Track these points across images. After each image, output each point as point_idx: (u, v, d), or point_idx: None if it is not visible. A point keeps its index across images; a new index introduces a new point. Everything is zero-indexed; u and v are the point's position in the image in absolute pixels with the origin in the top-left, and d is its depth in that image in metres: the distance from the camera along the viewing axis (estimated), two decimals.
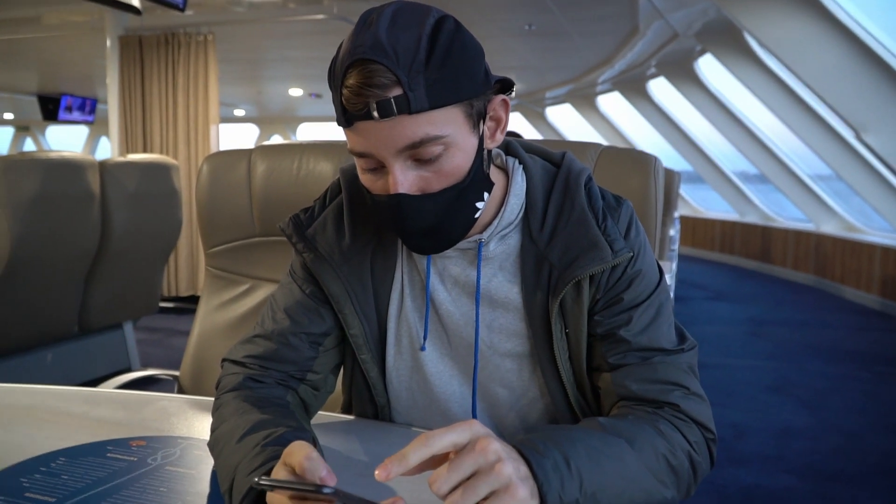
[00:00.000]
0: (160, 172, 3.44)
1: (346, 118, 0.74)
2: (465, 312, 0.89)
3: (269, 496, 0.65)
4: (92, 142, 15.43)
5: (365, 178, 0.80)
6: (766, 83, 6.81)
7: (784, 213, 8.92)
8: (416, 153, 0.75)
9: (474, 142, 0.79)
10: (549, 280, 0.85)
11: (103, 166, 3.11)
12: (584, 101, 11.19)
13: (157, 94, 5.49)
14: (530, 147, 0.95)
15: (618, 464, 0.71)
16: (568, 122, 12.28)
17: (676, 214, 6.65)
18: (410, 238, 0.81)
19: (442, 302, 0.90)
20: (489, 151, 0.84)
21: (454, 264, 0.90)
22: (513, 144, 0.93)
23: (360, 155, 0.77)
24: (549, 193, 0.88)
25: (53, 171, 2.82)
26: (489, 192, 0.84)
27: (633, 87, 9.74)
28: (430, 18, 0.74)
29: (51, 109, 11.52)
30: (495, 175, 0.88)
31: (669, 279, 2.94)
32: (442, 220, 0.80)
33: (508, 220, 0.88)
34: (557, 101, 11.58)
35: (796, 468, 2.84)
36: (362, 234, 0.90)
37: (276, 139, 15.36)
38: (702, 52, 7.66)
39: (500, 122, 0.84)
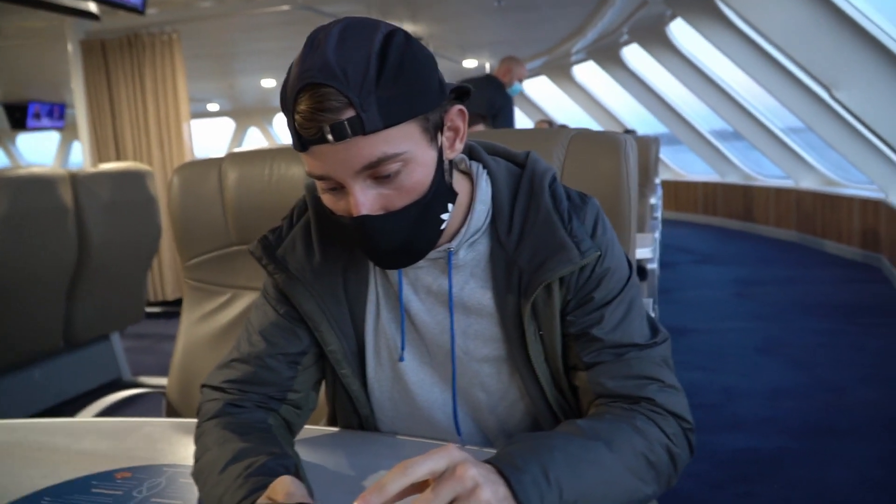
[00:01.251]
0: (134, 180, 3.40)
1: (301, 143, 0.73)
2: (440, 321, 0.89)
3: None
4: (65, 147, 15.22)
5: (327, 199, 0.79)
6: (737, 44, 6.82)
7: (763, 170, 8.98)
8: (375, 172, 0.74)
9: (433, 155, 0.78)
10: (519, 284, 0.85)
11: (75, 178, 3.07)
12: (560, 71, 11.17)
13: (126, 98, 5.42)
14: (494, 149, 0.94)
15: (597, 469, 0.72)
16: (545, 95, 12.25)
17: (657, 180, 6.68)
18: (378, 256, 0.81)
19: (417, 312, 0.90)
20: (450, 162, 0.83)
21: (426, 274, 0.90)
22: (476, 148, 0.92)
23: (319, 178, 0.76)
24: (515, 197, 0.88)
25: (24, 188, 2.78)
26: (453, 203, 0.83)
27: (608, 56, 9.74)
28: (378, 35, 0.73)
29: (18, 118, 11.34)
30: (460, 181, 0.88)
31: (653, 250, 2.94)
32: (408, 237, 0.79)
33: (476, 226, 0.87)
34: (533, 73, 11.53)
35: (789, 428, 2.88)
36: (332, 250, 0.90)
37: (253, 131, 15.23)
38: (672, 17, 7.66)
39: (458, 132, 0.83)
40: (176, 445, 1.00)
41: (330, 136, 0.71)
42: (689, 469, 0.87)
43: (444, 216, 0.82)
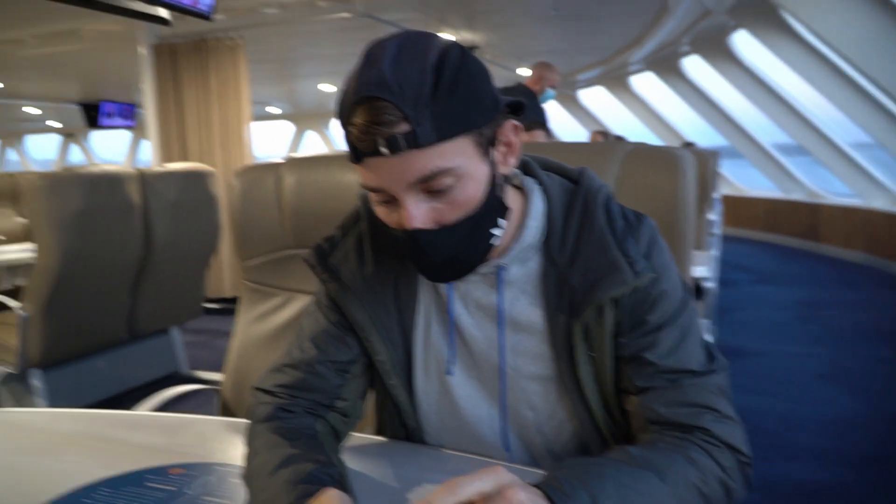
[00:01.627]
0: (198, 180, 3.51)
1: (356, 155, 0.75)
2: (488, 336, 0.89)
3: None
4: (135, 146, 15.79)
5: (380, 211, 0.81)
6: (803, 55, 6.63)
7: (830, 188, 8.67)
8: (428, 186, 0.75)
9: (486, 169, 0.78)
10: (570, 303, 0.84)
11: (144, 177, 3.18)
12: (617, 82, 11.03)
13: (192, 99, 5.60)
14: (548, 164, 0.94)
15: (647, 500, 0.70)
16: (601, 105, 12.09)
17: (717, 195, 6.53)
18: (429, 269, 0.82)
19: (466, 326, 0.90)
20: (503, 177, 0.83)
21: (476, 288, 0.90)
22: (530, 163, 0.92)
23: (373, 190, 0.78)
24: (569, 214, 0.87)
25: (96, 186, 2.90)
26: (505, 219, 0.83)
27: (667, 66, 9.57)
28: (433, 49, 0.74)
29: (93, 116, 11.86)
30: (513, 196, 0.88)
31: (711, 268, 2.87)
32: (459, 251, 0.79)
33: (528, 242, 0.87)
34: (589, 83, 11.43)
35: (851, 460, 2.75)
36: (384, 260, 0.91)
37: (311, 134, 15.50)
38: (735, 28, 7.48)
39: (511, 147, 0.83)
40: (227, 444, 1.03)
41: (384, 150, 0.72)
42: (743, 500, 0.85)
43: (496, 231, 0.82)
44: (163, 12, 3.99)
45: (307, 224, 1.42)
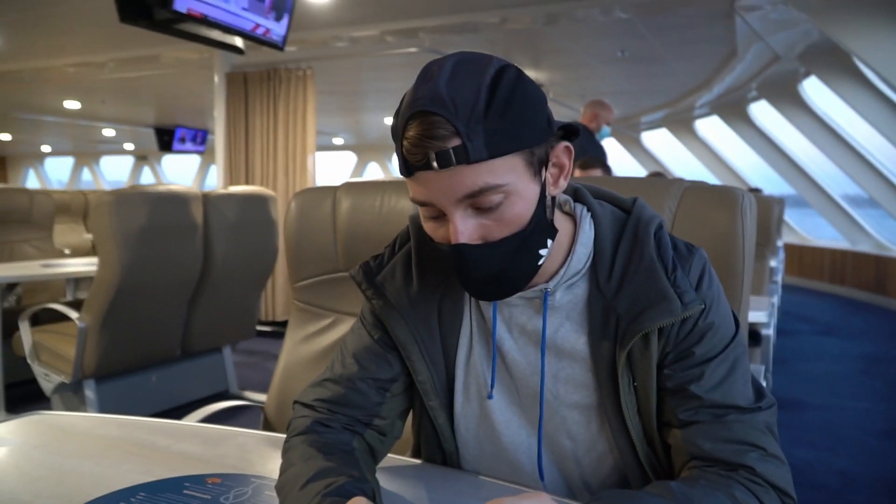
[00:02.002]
0: (258, 203, 3.60)
1: (407, 168, 0.76)
2: (531, 361, 0.88)
3: None
4: (203, 170, 16.36)
5: (428, 226, 0.81)
6: (875, 105, 6.45)
7: None
8: (476, 202, 0.75)
9: (536, 189, 0.78)
10: (616, 331, 0.82)
11: (206, 198, 3.28)
12: (682, 125, 10.91)
13: (260, 127, 5.78)
14: (600, 193, 0.93)
15: None
16: (664, 148, 11.98)
17: (780, 243, 6.34)
18: (473, 286, 0.81)
19: (509, 350, 0.89)
20: (553, 198, 0.83)
21: (521, 313, 0.89)
22: (581, 191, 0.92)
23: (422, 204, 0.78)
24: (618, 242, 0.86)
25: (161, 204, 3.00)
26: (553, 240, 0.82)
27: (734, 111, 9.43)
28: (490, 69, 0.75)
29: (166, 140, 12.38)
30: (563, 222, 0.87)
31: (768, 314, 2.78)
32: (504, 269, 0.79)
33: (575, 269, 0.86)
34: (653, 125, 11.34)
35: None
36: (430, 281, 0.91)
37: (373, 166, 15.78)
38: (806, 74, 7.35)
39: (563, 169, 0.83)
40: (266, 458, 1.03)
41: (435, 164, 0.72)
42: None
43: (543, 252, 0.81)
44: (238, 41, 4.16)
45: (359, 248, 1.43)
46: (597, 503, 0.68)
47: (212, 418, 1.59)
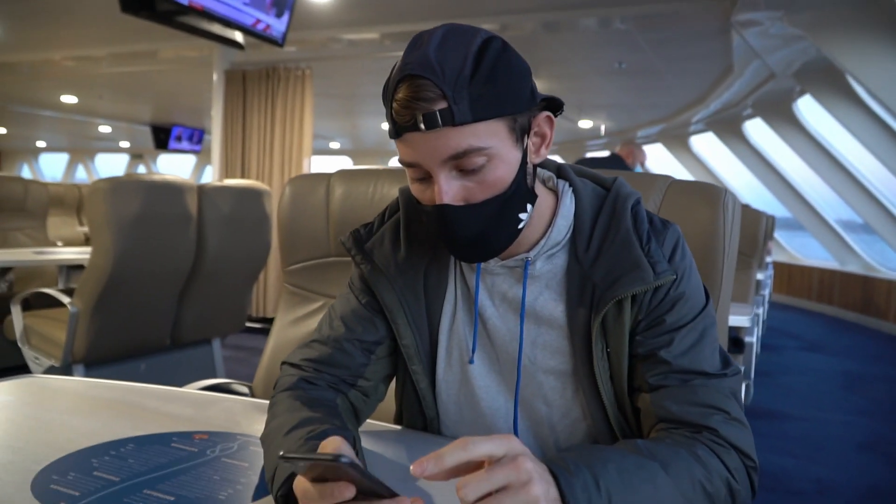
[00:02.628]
0: (253, 197, 3.62)
1: (395, 129, 0.80)
2: (511, 328, 0.92)
3: (296, 481, 0.68)
4: (198, 170, 16.34)
5: (414, 188, 0.85)
6: (869, 127, 6.52)
7: (888, 262, 8.42)
8: (460, 163, 0.79)
9: (517, 155, 0.82)
10: (591, 298, 0.86)
11: (201, 189, 3.30)
12: (677, 140, 11.00)
13: (257, 125, 5.81)
14: (583, 172, 0.97)
15: (650, 487, 0.71)
16: (658, 162, 12.03)
17: (769, 259, 6.39)
18: (455, 246, 0.85)
19: (490, 317, 0.93)
20: (534, 166, 0.87)
21: (502, 281, 0.93)
22: (564, 168, 0.96)
23: (409, 165, 0.82)
24: (597, 216, 0.90)
25: (156, 193, 3.02)
26: (532, 205, 0.86)
27: (729, 128, 9.52)
28: (477, 39, 0.79)
29: (162, 139, 12.32)
30: (545, 197, 0.91)
31: (751, 320, 2.81)
32: (485, 230, 0.83)
33: (556, 240, 0.90)
34: (649, 140, 11.43)
35: None
36: (417, 249, 0.95)
37: None
38: (801, 93, 7.43)
39: (544, 139, 0.87)
40: (252, 420, 1.06)
41: (422, 125, 0.76)
42: None
43: (523, 216, 0.85)
44: (238, 36, 4.19)
45: None
46: (567, 453, 0.71)
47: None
